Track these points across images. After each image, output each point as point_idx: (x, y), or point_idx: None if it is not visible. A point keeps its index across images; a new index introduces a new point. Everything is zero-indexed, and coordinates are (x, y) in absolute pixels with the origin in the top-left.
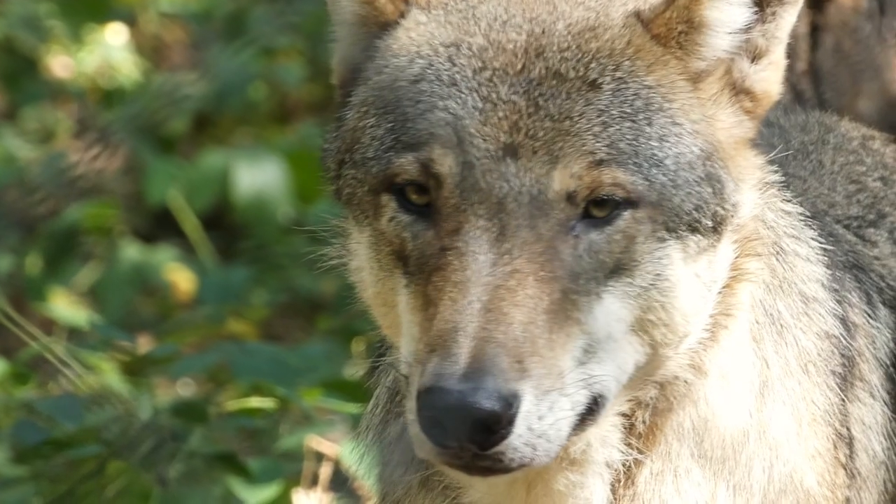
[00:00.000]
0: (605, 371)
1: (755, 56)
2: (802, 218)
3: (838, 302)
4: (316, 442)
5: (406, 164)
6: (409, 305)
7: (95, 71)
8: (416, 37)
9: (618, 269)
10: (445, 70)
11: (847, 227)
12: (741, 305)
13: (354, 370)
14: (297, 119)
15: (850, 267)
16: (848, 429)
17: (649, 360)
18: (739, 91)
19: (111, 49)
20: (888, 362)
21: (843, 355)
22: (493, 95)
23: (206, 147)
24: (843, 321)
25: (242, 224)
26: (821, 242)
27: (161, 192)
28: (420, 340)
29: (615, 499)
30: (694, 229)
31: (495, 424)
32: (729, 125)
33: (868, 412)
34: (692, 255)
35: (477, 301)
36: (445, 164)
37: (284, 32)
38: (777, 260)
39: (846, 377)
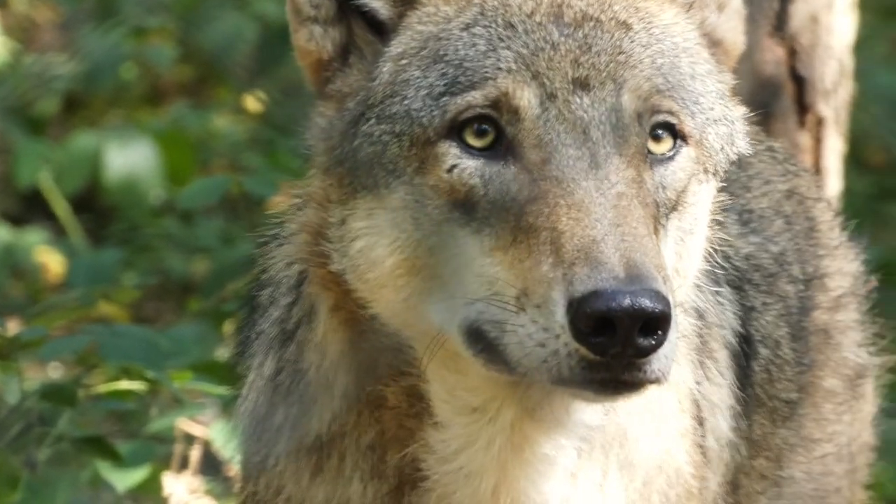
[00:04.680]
0: None
1: (720, 5)
2: None
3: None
4: (186, 424)
5: (472, 101)
6: (485, 248)
7: None
8: None
9: (675, 208)
10: (501, 14)
11: None
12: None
13: (225, 352)
14: (169, 100)
15: None
16: (700, 408)
17: None
18: (713, 44)
19: None
20: (733, 341)
21: (700, 334)
22: (549, 38)
23: (76, 128)
24: (702, 300)
25: (113, 206)
26: None
27: (31, 173)
28: (537, 266)
29: None
30: (716, 172)
31: (664, 324)
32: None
33: (716, 391)
34: (711, 201)
35: (603, 217)
36: (524, 96)
37: (155, 13)
38: None
39: (701, 356)
